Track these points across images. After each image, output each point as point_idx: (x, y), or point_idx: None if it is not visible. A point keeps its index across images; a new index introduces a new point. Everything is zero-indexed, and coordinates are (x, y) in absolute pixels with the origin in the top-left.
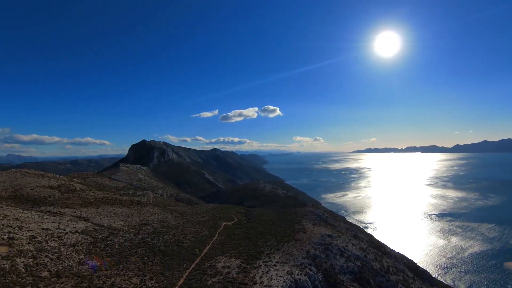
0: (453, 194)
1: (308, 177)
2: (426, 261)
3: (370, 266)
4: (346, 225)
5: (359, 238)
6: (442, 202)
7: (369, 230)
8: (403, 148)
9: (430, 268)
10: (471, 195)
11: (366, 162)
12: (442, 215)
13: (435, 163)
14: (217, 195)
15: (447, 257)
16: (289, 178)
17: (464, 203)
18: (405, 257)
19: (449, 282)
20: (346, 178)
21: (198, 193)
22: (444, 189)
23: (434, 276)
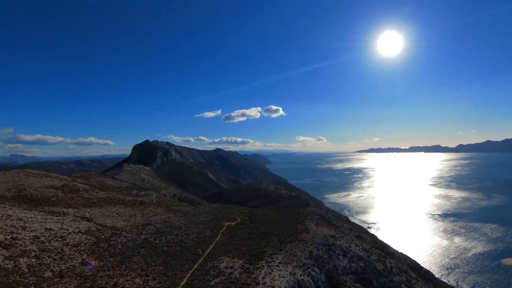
0: (456, 194)
1: (311, 177)
2: (429, 261)
3: (373, 266)
4: (349, 225)
5: (362, 239)
6: (446, 202)
7: (372, 231)
8: (406, 148)
9: (433, 268)
10: (475, 195)
11: (369, 162)
12: (445, 215)
13: (439, 163)
14: (220, 195)
15: (450, 257)
16: (292, 178)
17: (467, 203)
18: (408, 257)
19: (452, 282)
20: (349, 178)
21: (201, 193)
22: (447, 189)
23: (437, 276)
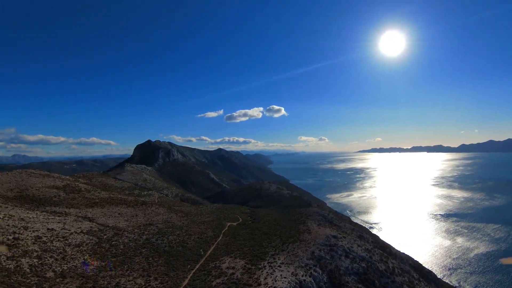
0: (458, 194)
1: (313, 177)
2: (432, 262)
3: (375, 267)
4: (351, 225)
5: (365, 239)
6: (448, 202)
7: (374, 231)
8: (409, 147)
9: (436, 269)
10: (477, 195)
11: (371, 162)
12: (447, 216)
13: (441, 163)
14: (222, 195)
15: (453, 258)
16: (294, 178)
17: (470, 203)
18: (410, 258)
19: (454, 283)
20: (352, 178)
21: (203, 193)
22: (449, 189)
23: (439, 277)
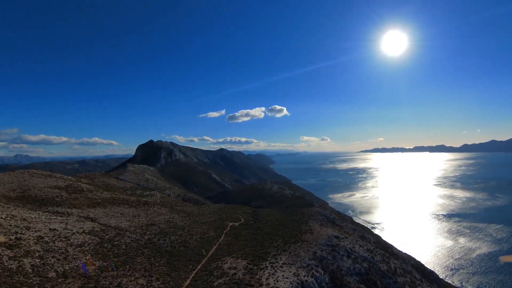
0: (461, 194)
1: (315, 177)
2: (434, 262)
3: (377, 267)
4: (353, 225)
5: (366, 239)
6: (450, 202)
7: (376, 231)
8: (411, 147)
9: (438, 269)
10: (479, 195)
11: (373, 162)
12: (450, 216)
13: (443, 163)
14: (224, 195)
15: (455, 258)
16: (296, 178)
17: (472, 204)
18: (412, 258)
19: (456, 283)
20: (354, 178)
21: (205, 193)
22: (452, 189)
23: (441, 277)
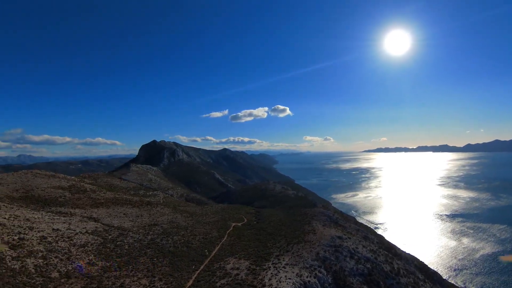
0: (464, 194)
1: (318, 177)
2: (437, 262)
3: (380, 268)
4: (357, 226)
5: (370, 240)
6: (454, 202)
7: (379, 231)
8: (414, 147)
9: (441, 269)
10: (483, 195)
11: (376, 161)
12: (453, 216)
13: (447, 163)
14: (227, 195)
15: (458, 258)
16: (299, 178)
17: (475, 204)
18: (416, 258)
19: (460, 284)
20: (357, 178)
21: (208, 193)
22: (455, 189)
23: (445, 278)
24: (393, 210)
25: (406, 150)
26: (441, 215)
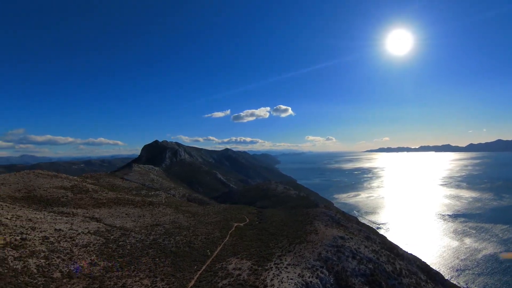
0: (467, 194)
1: (320, 177)
2: (439, 262)
3: (382, 268)
4: (359, 226)
5: (372, 240)
6: (456, 202)
7: (381, 231)
8: (417, 147)
9: (443, 270)
10: (485, 195)
11: (379, 161)
12: (455, 216)
13: (449, 163)
14: (229, 195)
15: (461, 259)
16: (301, 178)
17: (478, 204)
18: (418, 259)
19: (462, 284)
20: (359, 178)
21: (210, 193)
22: (457, 189)
23: (447, 278)
24: (395, 210)
25: (408, 150)
26: (443, 215)
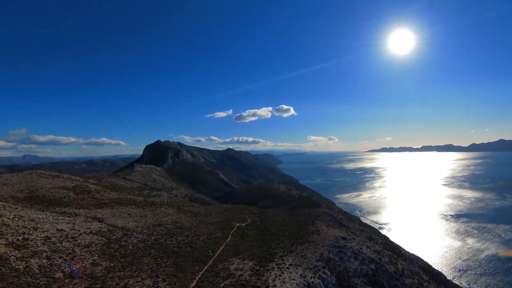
0: (469, 194)
1: (322, 177)
2: (441, 263)
3: (384, 269)
4: (361, 226)
5: (374, 240)
6: (458, 202)
7: (384, 231)
8: (419, 147)
9: (446, 270)
10: (488, 195)
11: (381, 161)
12: (458, 216)
13: (451, 163)
14: (231, 195)
15: (463, 259)
16: (303, 178)
17: (480, 204)
18: (420, 259)
19: (464, 284)
20: (361, 178)
21: (212, 193)
22: (460, 189)
23: (449, 278)
24: (397, 210)
25: (410, 150)
26: (445, 215)
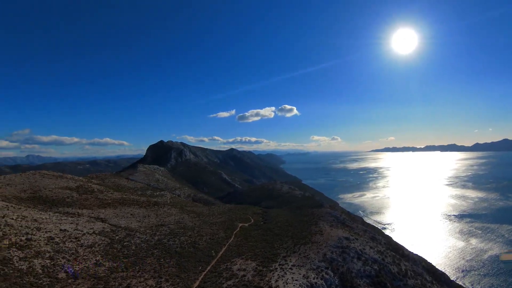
0: (472, 194)
1: (325, 177)
2: (445, 263)
3: (387, 269)
4: (364, 226)
5: (377, 241)
6: (462, 202)
7: (387, 232)
8: (422, 147)
9: (449, 271)
10: (491, 195)
11: (384, 161)
12: (461, 216)
13: (455, 163)
14: (234, 195)
15: (466, 259)
16: (306, 178)
17: (484, 204)
18: (423, 259)
19: (467, 285)
20: (364, 178)
21: (215, 193)
22: (463, 189)
23: (452, 279)
24: (400, 210)
25: (413, 149)
26: (449, 215)
